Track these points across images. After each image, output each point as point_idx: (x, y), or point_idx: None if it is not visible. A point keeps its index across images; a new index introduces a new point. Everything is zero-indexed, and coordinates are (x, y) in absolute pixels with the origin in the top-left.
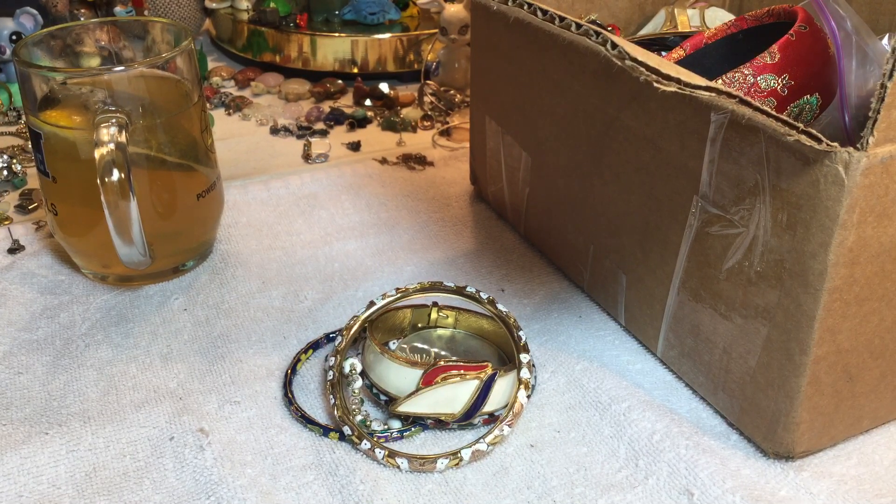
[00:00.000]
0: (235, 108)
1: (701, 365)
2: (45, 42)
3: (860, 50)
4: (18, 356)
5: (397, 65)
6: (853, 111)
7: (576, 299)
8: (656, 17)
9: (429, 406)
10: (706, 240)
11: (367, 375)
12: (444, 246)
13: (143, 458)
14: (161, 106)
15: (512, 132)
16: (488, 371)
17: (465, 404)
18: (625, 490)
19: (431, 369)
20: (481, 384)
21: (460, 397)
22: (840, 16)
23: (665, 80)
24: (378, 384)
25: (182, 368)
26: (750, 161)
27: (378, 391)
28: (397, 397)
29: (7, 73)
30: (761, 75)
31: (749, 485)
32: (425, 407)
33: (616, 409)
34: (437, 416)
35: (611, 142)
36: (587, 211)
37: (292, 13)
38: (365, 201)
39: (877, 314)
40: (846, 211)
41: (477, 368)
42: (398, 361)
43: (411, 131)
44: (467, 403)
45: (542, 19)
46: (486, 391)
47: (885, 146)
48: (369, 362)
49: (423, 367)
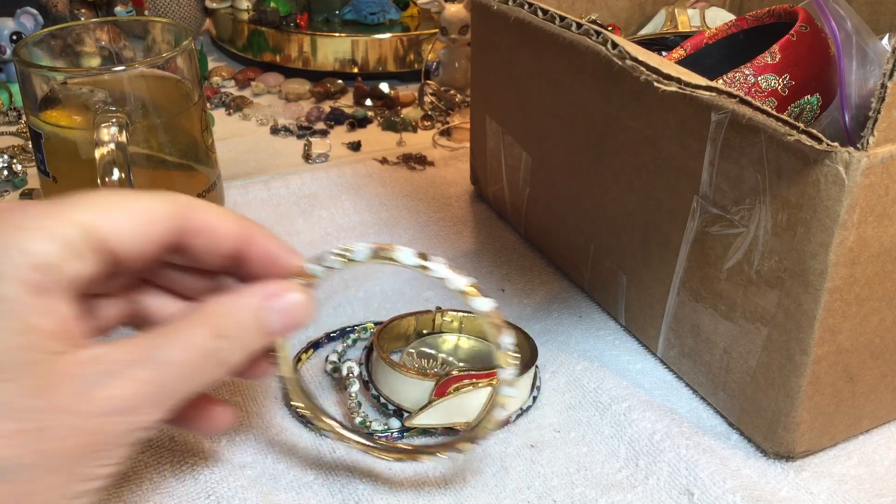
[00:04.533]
0: (236, 107)
1: (701, 365)
2: (45, 42)
3: (860, 50)
4: None
5: (398, 65)
6: (853, 111)
7: (576, 299)
8: (657, 16)
9: (443, 417)
10: (706, 240)
11: (376, 387)
12: (445, 246)
13: (142, 458)
14: (161, 106)
15: (512, 132)
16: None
17: (480, 412)
18: (625, 490)
19: (443, 380)
20: (494, 390)
21: (474, 405)
22: (840, 16)
23: (665, 79)
24: (390, 397)
25: None
26: (750, 161)
27: (387, 401)
28: (408, 409)
29: (7, 72)
30: (762, 75)
31: (749, 485)
32: (440, 418)
33: (616, 409)
34: (452, 425)
35: (611, 141)
36: (587, 211)
37: (292, 13)
38: (365, 201)
39: (877, 314)
40: (846, 211)
41: (488, 375)
42: (409, 374)
43: (412, 131)
44: (482, 411)
45: (543, 19)
46: None
47: (886, 146)
48: (378, 374)
49: (434, 379)
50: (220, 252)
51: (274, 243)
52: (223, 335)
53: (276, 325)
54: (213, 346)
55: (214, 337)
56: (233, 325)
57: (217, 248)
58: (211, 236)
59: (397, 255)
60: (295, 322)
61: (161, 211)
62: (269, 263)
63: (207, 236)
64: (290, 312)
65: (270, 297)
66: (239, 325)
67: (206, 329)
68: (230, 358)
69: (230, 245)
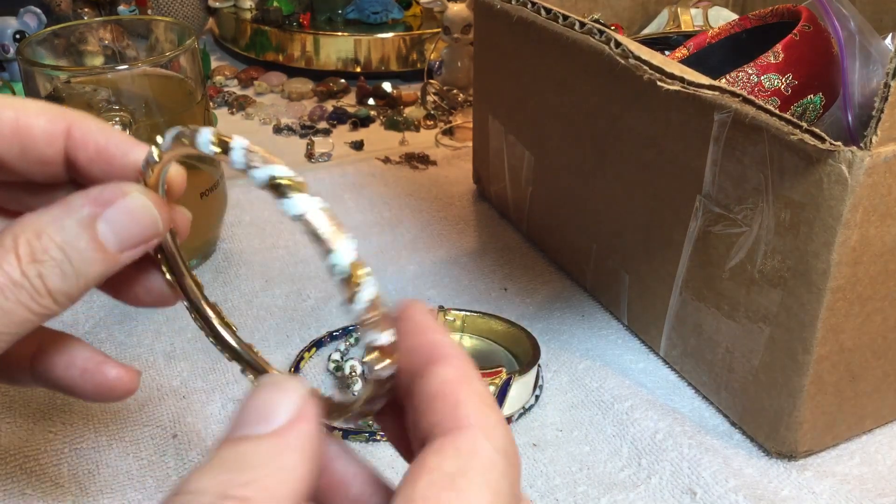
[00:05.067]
0: (238, 107)
1: (704, 364)
2: (48, 41)
3: (863, 49)
4: None
5: (400, 64)
6: (856, 110)
7: (578, 298)
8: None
9: None
10: (709, 239)
11: None
12: (447, 245)
13: (145, 456)
14: (164, 105)
15: (515, 131)
16: (503, 376)
17: None
18: (627, 489)
19: None
20: (497, 390)
21: None
22: (843, 15)
23: (669, 78)
24: None
25: (185, 367)
26: (753, 160)
27: None
28: None
29: (11, 71)
30: (765, 74)
31: (752, 484)
32: None
33: (619, 409)
34: None
35: (614, 141)
36: (590, 210)
37: (295, 12)
38: (368, 200)
39: (880, 313)
40: (849, 210)
41: (492, 374)
42: None
43: (414, 130)
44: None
45: (546, 18)
46: (502, 396)
47: (889, 145)
48: None
49: None
50: (40, 159)
51: (105, 135)
52: (38, 259)
53: (112, 238)
54: (26, 274)
55: (28, 262)
56: (52, 245)
57: (35, 155)
58: (25, 140)
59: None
60: (140, 233)
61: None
62: (104, 162)
63: (20, 140)
64: (133, 221)
65: (103, 202)
66: (61, 244)
67: (12, 254)
68: (53, 286)
69: (52, 149)
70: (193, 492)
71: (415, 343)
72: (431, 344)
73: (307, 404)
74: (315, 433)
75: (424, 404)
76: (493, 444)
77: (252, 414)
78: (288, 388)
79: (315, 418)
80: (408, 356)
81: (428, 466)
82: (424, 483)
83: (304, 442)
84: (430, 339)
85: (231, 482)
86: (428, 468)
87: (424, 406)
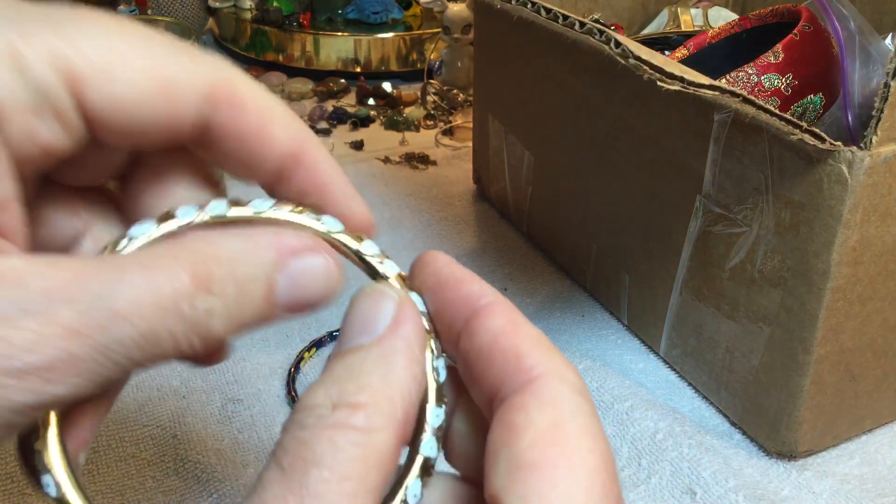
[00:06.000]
0: None
1: (704, 364)
2: None
3: (863, 49)
4: None
5: (400, 64)
6: (856, 110)
7: (578, 298)
8: (659, 16)
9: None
10: (709, 239)
11: None
12: (447, 245)
13: (145, 456)
14: None
15: (515, 131)
16: None
17: None
18: (627, 489)
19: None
20: None
21: None
22: (843, 15)
23: (668, 78)
24: None
25: (185, 367)
26: (753, 160)
27: None
28: None
29: None
30: (765, 74)
31: (752, 484)
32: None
33: (619, 409)
34: None
35: (614, 141)
36: (590, 210)
37: (295, 12)
38: (368, 200)
39: (880, 313)
40: (849, 210)
41: None
42: None
43: (414, 130)
44: None
45: (546, 18)
46: None
47: (889, 145)
48: None
49: None
50: (262, 165)
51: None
52: (211, 290)
53: (285, 295)
54: (191, 302)
55: (197, 288)
56: (230, 279)
57: (260, 159)
58: (257, 139)
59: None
60: (311, 298)
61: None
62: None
63: (252, 137)
64: (312, 283)
65: (289, 252)
66: (240, 281)
67: (186, 272)
68: (211, 326)
69: (277, 159)
70: (309, 406)
71: (448, 298)
72: (467, 296)
73: (404, 307)
74: (418, 332)
75: (483, 362)
76: (570, 386)
77: (355, 327)
78: (384, 295)
79: (415, 317)
80: (444, 314)
81: (518, 426)
82: (525, 444)
83: (408, 343)
84: (466, 291)
85: (343, 391)
86: (519, 428)
87: (483, 364)
